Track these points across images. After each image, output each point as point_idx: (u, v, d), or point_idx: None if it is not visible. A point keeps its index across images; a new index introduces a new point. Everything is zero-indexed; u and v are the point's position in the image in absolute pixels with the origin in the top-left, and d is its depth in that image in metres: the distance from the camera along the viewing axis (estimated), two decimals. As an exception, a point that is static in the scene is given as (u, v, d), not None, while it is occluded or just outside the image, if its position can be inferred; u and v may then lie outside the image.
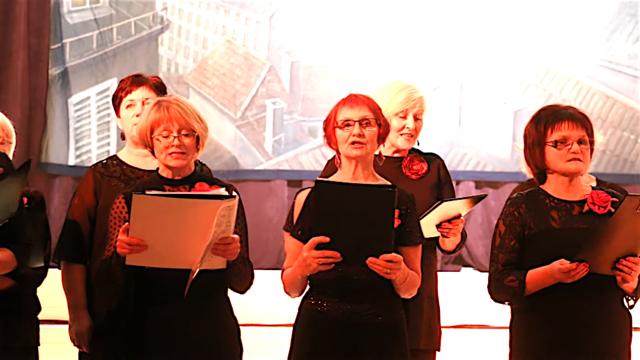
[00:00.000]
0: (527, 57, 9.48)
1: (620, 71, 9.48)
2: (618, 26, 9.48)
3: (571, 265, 3.43)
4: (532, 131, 3.60)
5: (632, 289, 3.56)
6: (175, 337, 3.58)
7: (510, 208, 3.60)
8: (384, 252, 3.40)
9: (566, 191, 3.59)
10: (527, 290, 3.52)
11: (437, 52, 9.52)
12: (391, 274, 3.44)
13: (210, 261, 3.49)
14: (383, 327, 3.55)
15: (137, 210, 3.40)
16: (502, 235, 3.60)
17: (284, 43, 9.57)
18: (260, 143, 9.58)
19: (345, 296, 3.54)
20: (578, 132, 3.56)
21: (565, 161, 3.55)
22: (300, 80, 9.57)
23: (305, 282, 3.59)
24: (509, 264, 3.57)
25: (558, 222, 3.56)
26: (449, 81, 9.52)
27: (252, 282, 3.70)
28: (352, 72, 9.49)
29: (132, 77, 4.22)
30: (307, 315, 3.60)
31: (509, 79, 9.50)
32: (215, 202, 3.37)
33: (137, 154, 4.14)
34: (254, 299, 5.19)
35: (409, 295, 3.61)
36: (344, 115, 3.61)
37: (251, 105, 9.59)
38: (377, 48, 9.53)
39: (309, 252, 3.42)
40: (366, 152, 3.59)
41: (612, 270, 3.48)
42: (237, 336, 3.71)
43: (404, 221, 3.56)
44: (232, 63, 9.61)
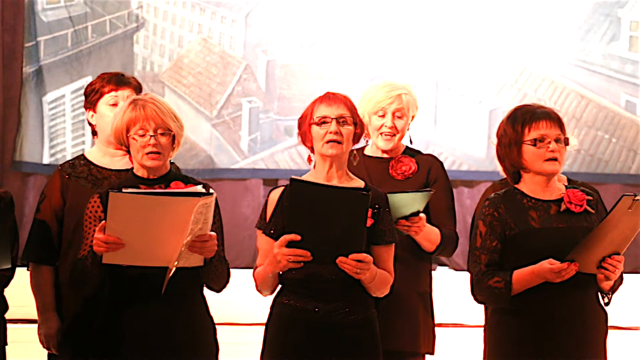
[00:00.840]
0: (502, 56, 9.51)
1: (594, 71, 9.53)
2: (592, 26, 9.52)
3: (562, 265, 3.45)
4: (508, 130, 3.61)
5: (609, 287, 3.59)
6: (151, 335, 3.58)
7: (489, 208, 3.61)
8: (354, 252, 3.41)
9: (542, 191, 3.60)
10: (513, 290, 3.53)
11: (412, 51, 9.53)
12: (360, 273, 3.45)
13: (188, 259, 3.49)
14: (355, 326, 3.55)
15: (113, 208, 3.39)
16: (483, 235, 3.60)
17: (260, 42, 9.55)
18: (236, 142, 9.56)
19: (317, 295, 3.54)
20: (555, 130, 3.58)
21: (543, 160, 3.56)
22: (276, 79, 9.56)
23: (277, 280, 3.59)
24: (492, 265, 3.58)
25: (537, 221, 3.57)
26: (424, 80, 9.54)
27: (229, 280, 3.69)
28: (328, 71, 9.49)
29: (116, 75, 4.17)
30: (279, 314, 3.60)
31: (484, 78, 9.53)
32: (192, 200, 3.37)
33: (106, 152, 4.11)
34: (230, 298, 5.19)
35: (381, 294, 3.61)
36: (321, 113, 3.61)
37: (227, 104, 9.57)
38: (353, 47, 9.54)
39: (280, 249, 3.43)
40: (341, 152, 3.60)
41: (597, 269, 3.50)
42: (213, 335, 3.71)
43: (377, 220, 3.57)
44: (207, 62, 9.59)
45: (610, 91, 9.53)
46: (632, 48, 9.54)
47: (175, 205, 3.38)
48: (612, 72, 9.53)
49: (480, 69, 9.52)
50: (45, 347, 4.09)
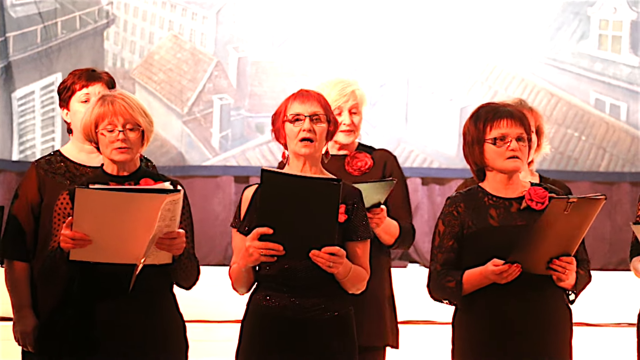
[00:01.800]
0: (473, 54, 9.55)
1: (564, 69, 9.59)
2: (562, 24, 9.58)
3: (503, 267, 3.45)
4: (471, 128, 3.61)
5: (570, 286, 3.59)
6: (119, 333, 3.56)
7: (449, 207, 3.62)
8: (326, 245, 3.40)
9: (505, 188, 3.61)
10: (464, 290, 3.54)
11: (383, 49, 9.55)
12: (333, 267, 3.44)
13: (155, 256, 3.47)
14: (331, 323, 3.55)
15: (80, 205, 3.37)
16: (441, 235, 3.62)
17: (231, 39, 9.54)
18: (207, 139, 9.54)
19: (293, 292, 3.54)
20: (517, 129, 3.58)
21: (504, 159, 3.56)
22: (248, 76, 9.55)
23: (251, 276, 3.58)
24: (447, 264, 3.59)
25: (496, 220, 3.57)
26: (395, 78, 9.56)
27: (198, 278, 3.68)
28: (299, 68, 9.49)
29: (87, 71, 4.15)
30: (255, 311, 3.59)
31: (455, 76, 9.56)
32: (159, 196, 3.35)
33: (82, 149, 4.09)
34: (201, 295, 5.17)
35: (357, 290, 3.61)
36: (295, 110, 3.60)
37: (198, 101, 9.55)
38: (324, 44, 9.54)
39: (252, 242, 3.42)
40: (314, 150, 3.59)
41: (546, 270, 3.51)
42: (183, 332, 3.69)
43: (350, 216, 3.56)
44: (178, 58, 9.56)
45: (579, 89, 9.58)
46: (601, 46, 9.60)
47: (142, 202, 3.36)
48: (582, 70, 9.59)
49: (451, 66, 9.55)
50: (20, 344, 4.05)
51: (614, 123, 9.61)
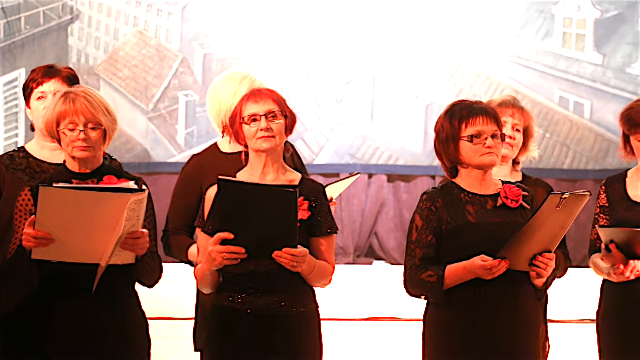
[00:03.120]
0: (439, 51, 9.58)
1: (529, 67, 9.64)
2: (527, 22, 9.63)
3: (493, 262, 3.46)
4: (445, 126, 3.62)
5: (542, 283, 3.62)
6: (82, 332, 3.54)
7: (426, 203, 3.62)
8: (288, 246, 3.41)
9: (479, 185, 3.62)
10: (445, 284, 3.55)
11: (349, 46, 9.55)
12: (297, 267, 3.46)
13: (119, 255, 3.45)
14: (297, 319, 3.55)
15: (43, 203, 3.34)
16: (419, 229, 3.61)
17: (197, 35, 9.51)
18: (172, 135, 9.51)
19: (259, 289, 3.54)
20: (491, 126, 3.59)
21: (480, 155, 3.58)
22: (213, 72, 9.52)
23: (216, 277, 3.57)
24: (426, 259, 3.59)
25: (474, 216, 3.59)
26: (361, 75, 9.57)
27: (161, 276, 3.67)
28: (265, 65, 9.47)
29: (45, 67, 4.12)
30: (219, 308, 3.59)
31: (420, 73, 9.58)
32: (124, 196, 3.33)
33: (44, 146, 4.06)
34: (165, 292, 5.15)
35: (322, 286, 3.62)
36: (250, 111, 3.60)
37: (163, 97, 9.51)
38: (290, 41, 9.53)
39: (214, 246, 3.42)
40: (275, 145, 3.59)
41: (529, 266, 3.53)
42: (145, 330, 3.68)
43: (314, 212, 3.57)
44: (143, 54, 9.52)
45: (544, 87, 9.64)
46: (565, 44, 9.66)
47: (107, 201, 3.33)
48: (546, 68, 9.65)
49: (417, 64, 9.57)
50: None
51: (578, 120, 9.67)
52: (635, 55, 9.61)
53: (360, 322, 7.52)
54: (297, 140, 9.25)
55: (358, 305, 7.76)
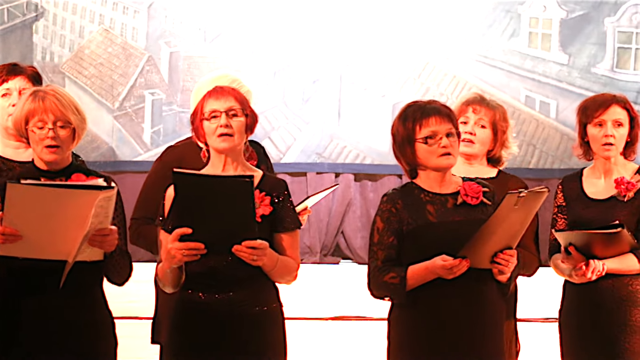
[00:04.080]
0: (406, 51, 9.59)
1: (495, 66, 9.68)
2: (493, 22, 9.67)
3: (454, 262, 3.47)
4: (400, 129, 3.62)
5: (506, 279, 3.63)
6: (49, 329, 3.51)
7: (387, 204, 3.62)
8: (247, 239, 3.40)
9: (439, 185, 3.62)
10: (408, 285, 3.55)
11: (316, 45, 9.55)
12: (257, 260, 3.44)
13: (87, 252, 3.44)
14: (260, 318, 3.54)
15: (11, 200, 3.33)
16: (380, 231, 3.61)
17: (163, 33, 9.47)
18: (138, 134, 9.46)
19: (220, 286, 3.52)
20: (445, 125, 3.59)
21: (437, 156, 3.58)
22: (180, 71, 9.49)
23: (177, 275, 3.55)
24: (388, 261, 3.59)
25: (434, 215, 3.59)
26: (328, 74, 9.57)
27: (131, 274, 3.65)
28: (231, 63, 9.45)
29: (9, 65, 4.11)
30: (182, 306, 3.57)
31: (387, 73, 9.60)
32: (93, 193, 3.32)
33: (8, 144, 4.04)
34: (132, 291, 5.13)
35: (286, 282, 3.60)
36: (211, 107, 3.58)
37: (129, 96, 9.46)
38: (257, 40, 9.51)
39: (173, 243, 3.40)
40: (234, 144, 3.58)
41: (490, 263, 3.54)
42: (112, 329, 3.66)
43: (276, 208, 3.56)
44: (109, 53, 9.47)
45: (510, 86, 9.68)
46: (531, 44, 9.71)
47: (76, 199, 3.32)
48: (513, 67, 9.69)
49: (384, 63, 9.59)
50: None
51: (544, 120, 9.73)
52: (600, 56, 9.68)
53: (326, 322, 7.52)
54: (264, 139, 9.23)
55: (324, 305, 7.76)
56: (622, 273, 4.02)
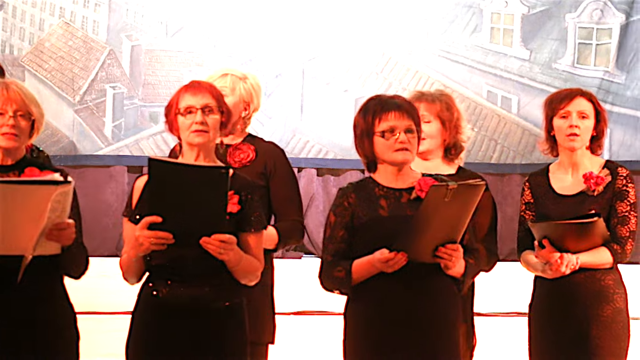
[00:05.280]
0: (368, 46, 9.61)
1: (457, 61, 9.71)
2: (456, 17, 9.70)
3: (389, 255, 3.47)
4: (360, 122, 3.63)
5: (459, 274, 3.62)
6: (7, 325, 3.48)
7: (340, 199, 3.63)
8: (216, 232, 3.39)
9: (395, 179, 3.63)
10: (353, 279, 3.56)
11: (279, 39, 9.54)
12: (224, 254, 3.43)
13: (45, 246, 3.42)
14: (223, 313, 3.54)
15: (-35, 195, 3.30)
16: (332, 225, 3.63)
17: (124, 27, 9.42)
18: (99, 128, 9.41)
19: (184, 281, 3.51)
20: (405, 121, 3.60)
21: (393, 151, 3.58)
22: (141, 65, 9.45)
23: (142, 266, 3.54)
24: (338, 254, 3.60)
25: (386, 210, 3.59)
26: (291, 68, 9.56)
27: (87, 267, 3.63)
28: (193, 57, 9.42)
29: None
30: (146, 300, 3.56)
31: (350, 68, 9.61)
32: (49, 188, 3.30)
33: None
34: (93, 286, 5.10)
35: (249, 281, 3.60)
36: (186, 102, 3.58)
37: (90, 90, 9.40)
38: (219, 34, 9.49)
39: (141, 231, 3.39)
40: (208, 140, 3.57)
41: (432, 257, 3.53)
42: (74, 323, 3.64)
43: (244, 207, 3.55)
44: (70, 46, 9.40)
45: (472, 82, 9.73)
46: (493, 40, 9.76)
47: (32, 194, 3.30)
48: (475, 63, 9.74)
49: (346, 58, 9.60)
50: None
51: (506, 115, 9.78)
52: (561, 51, 9.75)
53: (289, 316, 7.52)
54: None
55: (287, 300, 7.75)
56: (595, 267, 4.03)
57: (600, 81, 9.70)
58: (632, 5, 9.72)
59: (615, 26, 9.76)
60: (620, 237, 4.06)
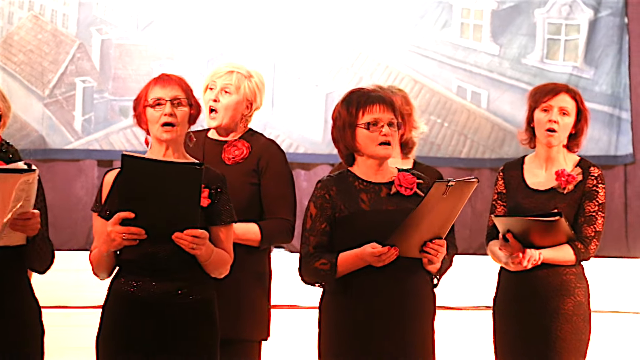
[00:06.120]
0: (339, 40, 9.61)
1: (427, 56, 9.73)
2: (426, 12, 9.72)
3: (382, 249, 3.49)
4: (343, 113, 3.64)
5: (436, 269, 3.66)
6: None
7: (321, 191, 3.64)
8: (189, 227, 3.40)
9: (374, 173, 3.65)
10: (338, 272, 3.57)
11: (250, 33, 9.52)
12: (196, 249, 3.44)
13: (9, 237, 3.40)
14: (194, 307, 3.54)
15: None
16: (313, 217, 3.63)
17: (94, 20, 9.37)
18: (69, 122, 9.36)
19: (155, 275, 3.51)
20: (388, 114, 3.63)
21: (376, 144, 3.60)
22: (111, 58, 9.40)
23: (112, 261, 3.54)
24: (319, 247, 3.61)
25: (367, 204, 3.61)
26: (261, 62, 9.54)
27: (53, 261, 3.62)
28: (164, 51, 9.39)
29: None
30: (116, 295, 3.56)
31: (321, 62, 9.61)
32: (13, 176, 3.28)
33: None
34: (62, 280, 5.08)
35: (219, 275, 3.61)
36: (155, 95, 3.58)
37: (60, 83, 9.35)
38: (190, 28, 9.46)
39: (113, 227, 3.39)
40: (176, 135, 3.58)
41: (419, 253, 3.56)
42: (38, 317, 3.62)
43: (214, 201, 3.56)
44: (39, 39, 9.34)
45: (442, 76, 9.75)
46: (463, 34, 9.78)
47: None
48: (445, 58, 9.76)
49: (317, 52, 9.59)
50: None
51: (475, 110, 9.81)
52: (531, 47, 9.79)
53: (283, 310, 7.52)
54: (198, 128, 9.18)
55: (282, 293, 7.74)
56: (557, 263, 4.08)
57: (569, 76, 9.75)
58: (600, 2, 9.78)
59: (584, 22, 9.82)
60: (585, 237, 4.11)
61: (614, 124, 9.85)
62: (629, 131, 9.87)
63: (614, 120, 9.85)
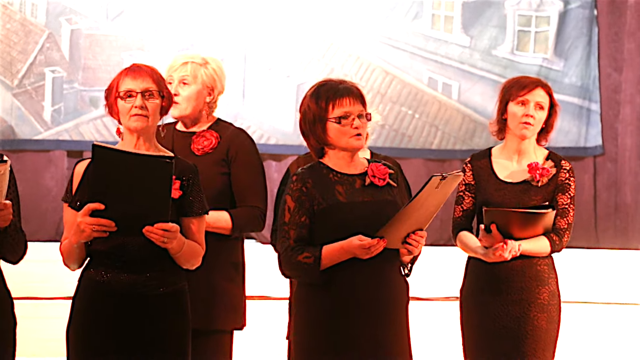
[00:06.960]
0: (310, 31, 9.61)
1: (399, 47, 9.75)
2: (397, 4, 9.74)
3: (372, 241, 3.49)
4: (312, 106, 3.62)
5: (409, 260, 3.67)
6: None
7: (297, 184, 3.62)
8: (160, 221, 3.38)
9: (347, 165, 3.65)
10: (322, 265, 3.56)
11: (221, 24, 9.50)
12: (167, 243, 3.43)
13: (-20, 228, 3.38)
14: (165, 298, 3.53)
15: None
16: (292, 211, 3.60)
17: (64, 10, 9.32)
18: (38, 112, 9.31)
19: (125, 266, 3.50)
20: (358, 106, 3.62)
21: (348, 137, 3.60)
22: (81, 48, 9.36)
23: (83, 252, 3.52)
24: (300, 240, 3.59)
25: (344, 196, 3.61)
26: (232, 53, 9.53)
27: (25, 252, 3.60)
28: (135, 41, 9.35)
29: None
30: (87, 286, 3.54)
31: (292, 53, 9.60)
32: (-16, 168, 3.26)
33: None
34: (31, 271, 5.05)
35: (191, 266, 3.59)
36: (126, 86, 3.55)
37: (29, 73, 9.29)
38: (161, 18, 9.43)
39: (83, 218, 3.37)
40: (147, 125, 3.55)
41: (402, 244, 3.57)
42: (10, 309, 3.60)
43: (186, 192, 3.54)
44: (7, 29, 9.28)
45: (413, 68, 9.77)
46: (434, 26, 9.81)
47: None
48: (416, 49, 9.78)
49: (288, 43, 9.59)
50: None
51: (446, 102, 9.85)
52: (501, 38, 9.83)
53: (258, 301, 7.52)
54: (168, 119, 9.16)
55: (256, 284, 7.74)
56: (533, 255, 4.11)
57: (539, 68, 9.81)
58: (570, -6, 9.84)
59: (554, 14, 9.87)
60: (559, 229, 4.15)
61: (584, 116, 9.91)
62: (598, 123, 9.94)
63: (584, 112, 9.92)
